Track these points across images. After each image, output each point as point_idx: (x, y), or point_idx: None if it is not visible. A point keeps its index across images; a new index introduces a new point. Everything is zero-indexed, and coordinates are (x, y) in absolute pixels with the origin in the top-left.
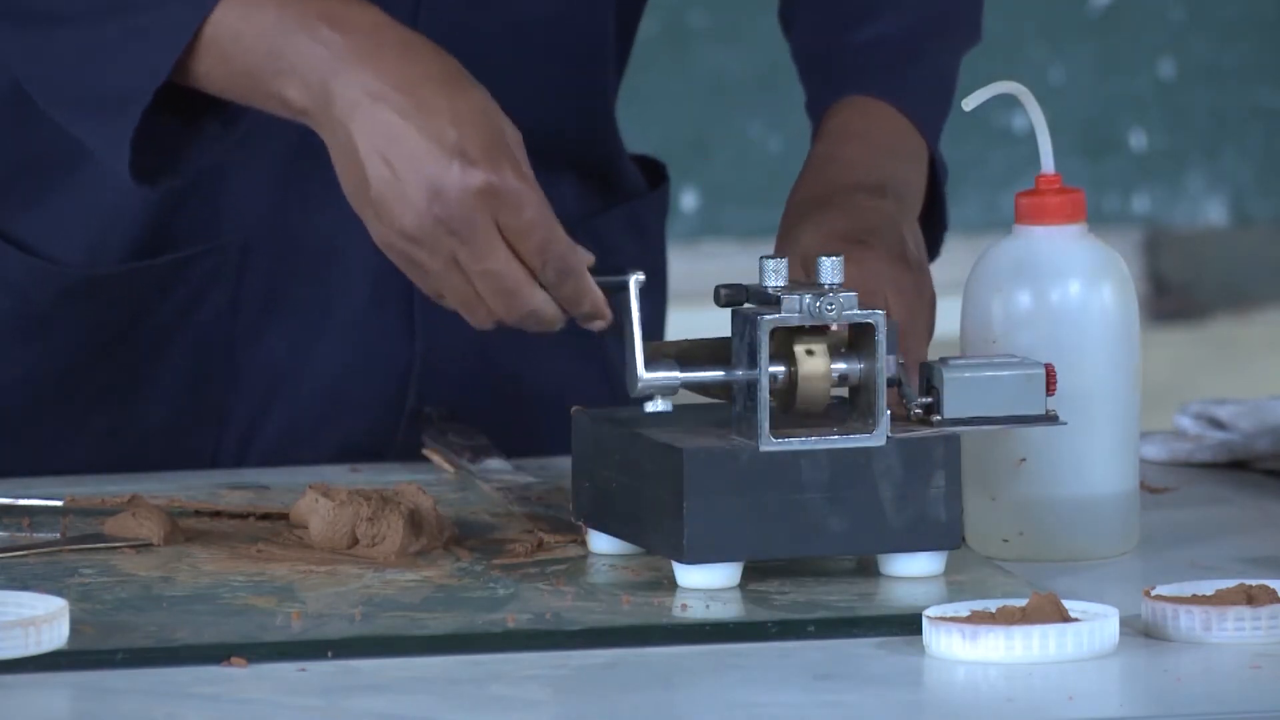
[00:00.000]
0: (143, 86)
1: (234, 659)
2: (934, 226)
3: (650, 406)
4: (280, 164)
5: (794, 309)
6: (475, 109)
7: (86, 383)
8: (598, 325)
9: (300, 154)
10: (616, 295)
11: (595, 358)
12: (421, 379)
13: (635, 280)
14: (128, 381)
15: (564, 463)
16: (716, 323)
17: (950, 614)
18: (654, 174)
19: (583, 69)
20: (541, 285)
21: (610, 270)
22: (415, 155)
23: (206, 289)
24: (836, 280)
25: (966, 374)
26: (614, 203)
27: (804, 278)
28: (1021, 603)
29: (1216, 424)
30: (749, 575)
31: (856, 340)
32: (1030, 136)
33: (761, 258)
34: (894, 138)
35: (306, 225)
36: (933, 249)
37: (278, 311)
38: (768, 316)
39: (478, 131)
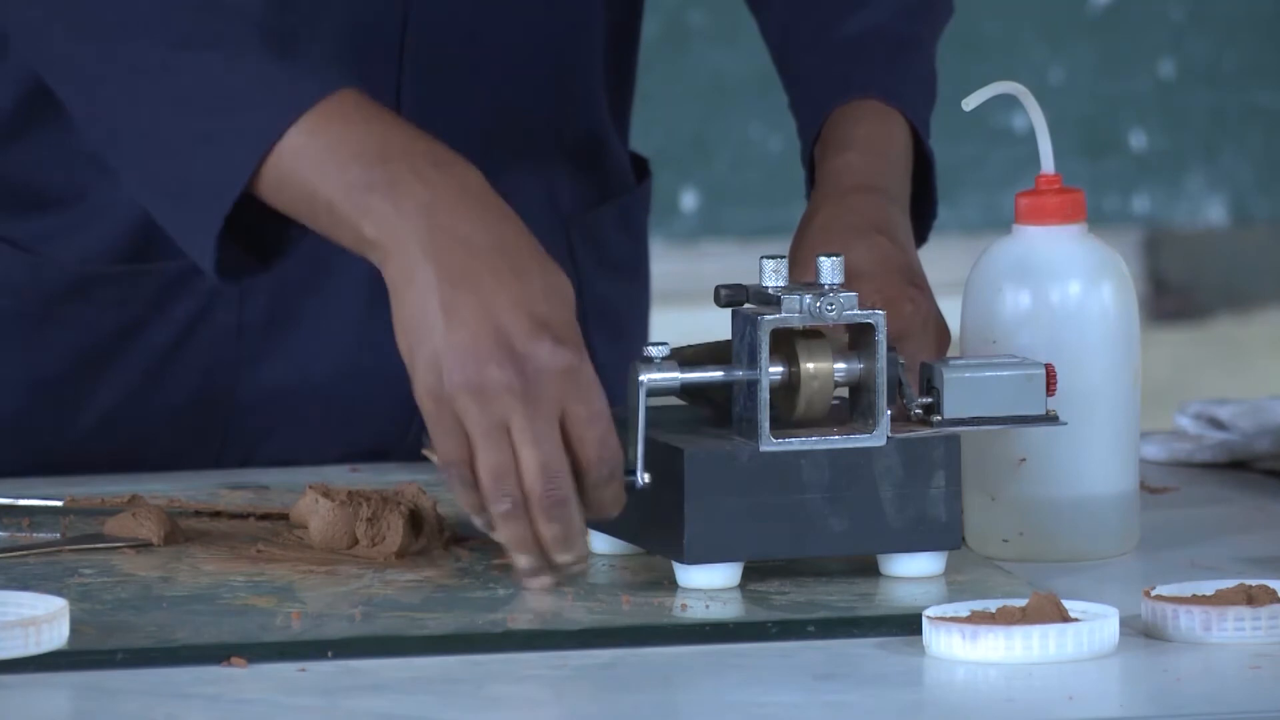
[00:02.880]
0: (226, 191)
1: (234, 659)
2: (923, 215)
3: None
4: None
5: (794, 309)
6: (564, 288)
7: (88, 392)
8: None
9: None
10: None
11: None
12: None
13: (642, 482)
14: (130, 395)
15: None
16: (716, 323)
17: (950, 614)
18: (638, 168)
19: (572, 60)
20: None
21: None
22: (502, 316)
23: (211, 305)
24: (836, 280)
25: (966, 374)
26: (606, 197)
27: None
28: (1021, 603)
29: (1216, 424)
30: (749, 575)
31: (856, 340)
32: (1030, 136)
33: (762, 258)
34: (892, 142)
35: (308, 241)
36: (923, 235)
37: (282, 329)
38: (768, 316)
39: (566, 312)
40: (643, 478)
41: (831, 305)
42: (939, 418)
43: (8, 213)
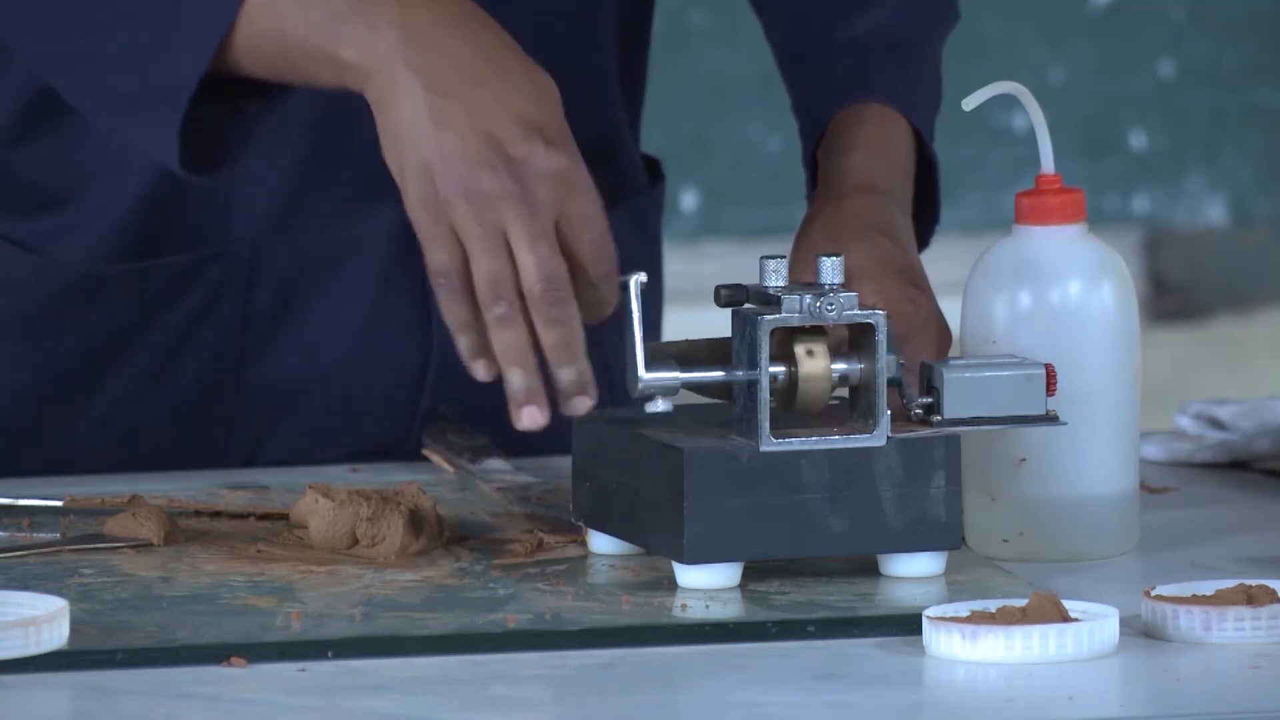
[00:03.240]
0: (184, 79)
1: (234, 659)
2: (926, 219)
3: (650, 407)
4: (288, 172)
5: (794, 309)
6: (550, 89)
7: (93, 389)
8: (589, 322)
9: (308, 163)
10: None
11: (595, 357)
12: (437, 379)
13: (636, 281)
14: (135, 391)
15: (564, 463)
16: (716, 323)
17: (950, 614)
18: (651, 170)
19: (583, 63)
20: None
21: None
22: (491, 121)
23: (217, 299)
24: (836, 280)
25: (966, 374)
26: (619, 200)
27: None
28: (1021, 603)
29: (1216, 424)
30: (749, 575)
31: (856, 340)
32: (1030, 136)
33: (762, 258)
34: (894, 144)
35: (314, 233)
36: (925, 239)
37: (287, 322)
38: (768, 317)
39: (555, 114)
40: (638, 277)
41: (831, 305)
42: (939, 418)
43: (12, 212)
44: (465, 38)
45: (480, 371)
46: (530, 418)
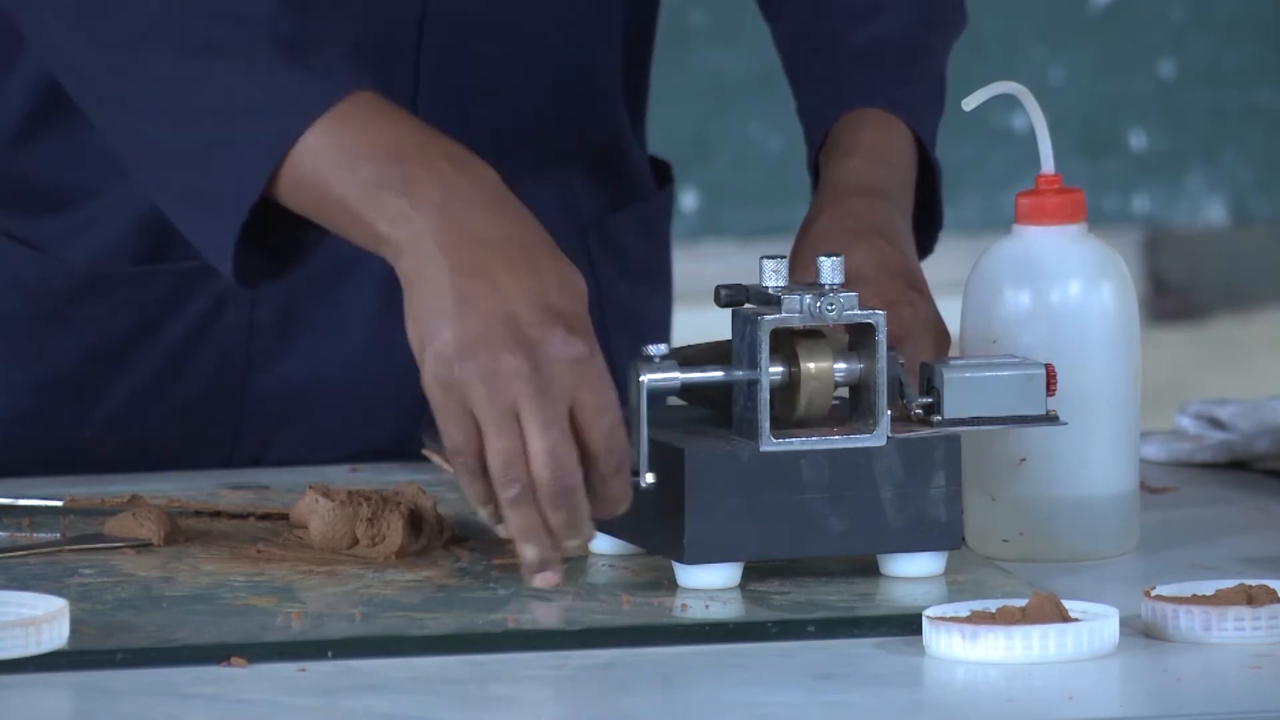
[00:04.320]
0: (244, 194)
1: (234, 659)
2: (929, 225)
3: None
4: None
5: (794, 309)
6: (578, 282)
7: (99, 392)
8: (602, 519)
9: None
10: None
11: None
12: None
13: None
14: (141, 396)
15: None
16: (717, 323)
17: (950, 614)
18: (660, 174)
19: (588, 65)
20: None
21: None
22: (514, 305)
23: (223, 306)
24: (836, 280)
25: (966, 374)
26: (626, 203)
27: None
28: (1021, 603)
29: (1216, 424)
30: (749, 575)
31: (857, 340)
32: (1030, 136)
33: (762, 258)
34: (895, 149)
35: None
36: (928, 245)
37: (292, 329)
38: (768, 317)
39: (579, 305)
40: (646, 478)
41: (831, 305)
42: (939, 418)
43: (21, 212)
44: (500, 224)
45: (503, 534)
46: (544, 581)
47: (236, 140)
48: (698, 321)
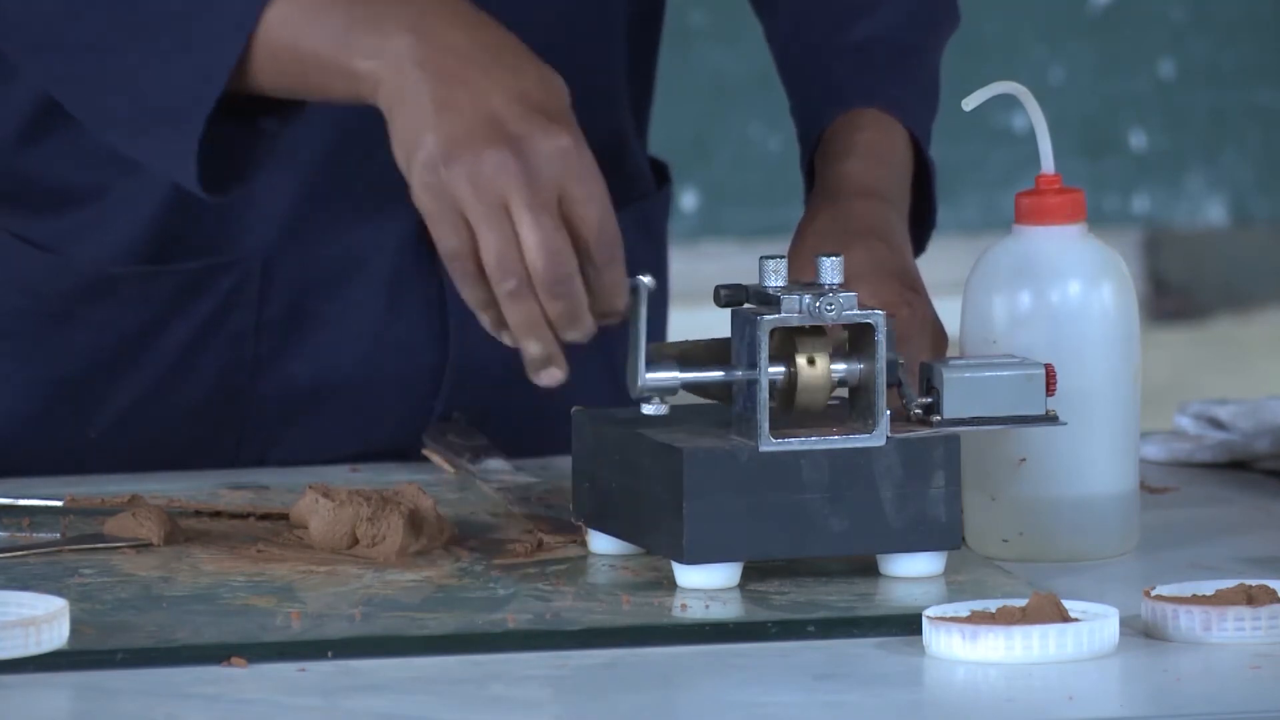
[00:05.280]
0: (201, 97)
1: (234, 659)
2: (922, 224)
3: (647, 409)
4: (302, 182)
5: (794, 309)
6: (556, 79)
7: (105, 393)
8: (608, 321)
9: (322, 172)
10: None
11: (599, 356)
12: (453, 385)
13: (645, 285)
14: (147, 396)
15: (564, 463)
16: (716, 323)
17: (950, 614)
18: (658, 173)
19: (592, 64)
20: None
21: None
22: (495, 103)
23: (229, 307)
24: (836, 280)
25: (966, 374)
26: (626, 202)
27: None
28: (1021, 603)
29: (1216, 424)
30: (749, 575)
31: (856, 340)
32: (1030, 136)
33: (762, 258)
34: (891, 149)
35: (326, 242)
36: (922, 244)
37: (300, 329)
38: (768, 317)
39: (560, 99)
40: (645, 279)
41: (831, 305)
42: (939, 418)
43: (28, 212)
44: (474, 34)
45: (507, 340)
46: (550, 377)
47: (201, 30)
48: (697, 321)
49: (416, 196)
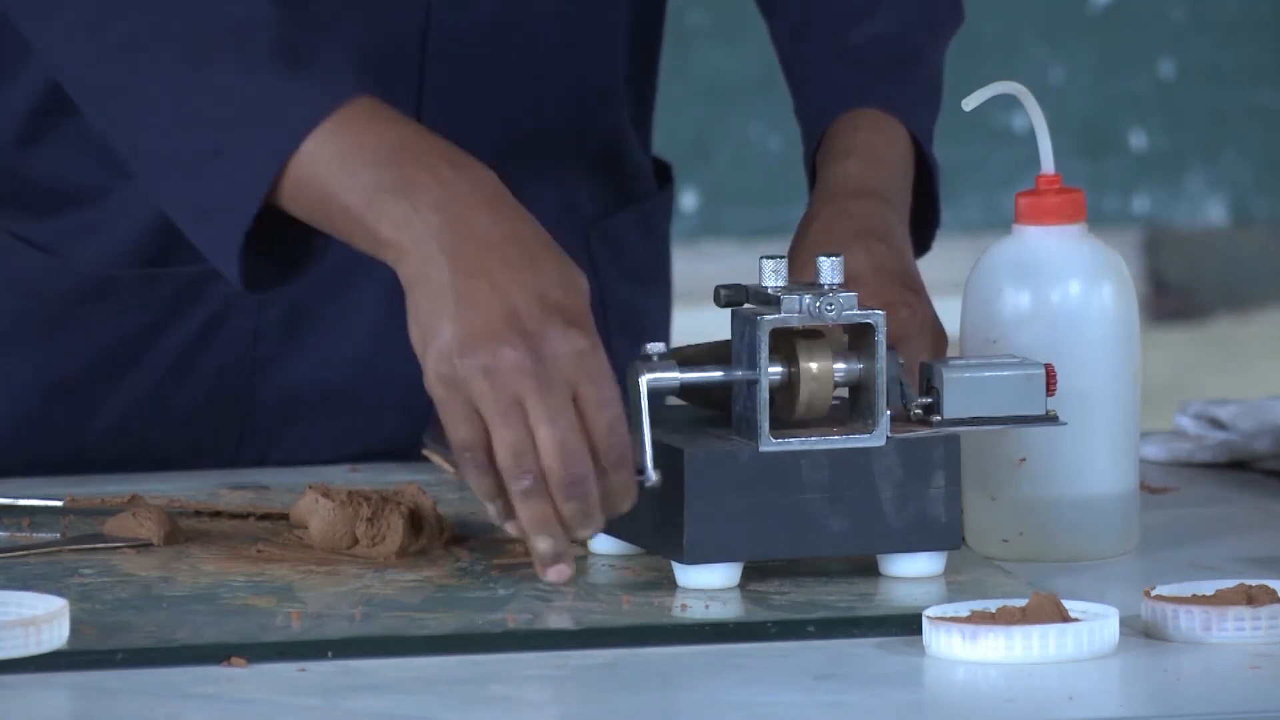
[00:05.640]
0: (242, 208)
1: (234, 659)
2: (926, 223)
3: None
4: None
5: (794, 309)
6: (578, 279)
7: (104, 395)
8: (609, 518)
9: None
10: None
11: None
12: None
13: (653, 481)
14: (146, 399)
15: None
16: (717, 323)
17: (950, 614)
18: (660, 174)
19: (593, 65)
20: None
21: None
22: (515, 300)
23: (228, 311)
24: (836, 280)
25: (966, 374)
26: (628, 203)
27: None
28: (1021, 603)
29: (1216, 424)
30: (749, 575)
31: (856, 340)
32: (1030, 136)
33: (762, 258)
34: (892, 149)
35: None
36: (926, 243)
37: (300, 331)
38: (768, 317)
39: (580, 300)
40: (652, 475)
41: (831, 305)
42: (939, 418)
43: (29, 213)
44: (500, 225)
45: (511, 530)
46: (558, 574)
47: (237, 148)
48: (698, 321)
49: (430, 384)
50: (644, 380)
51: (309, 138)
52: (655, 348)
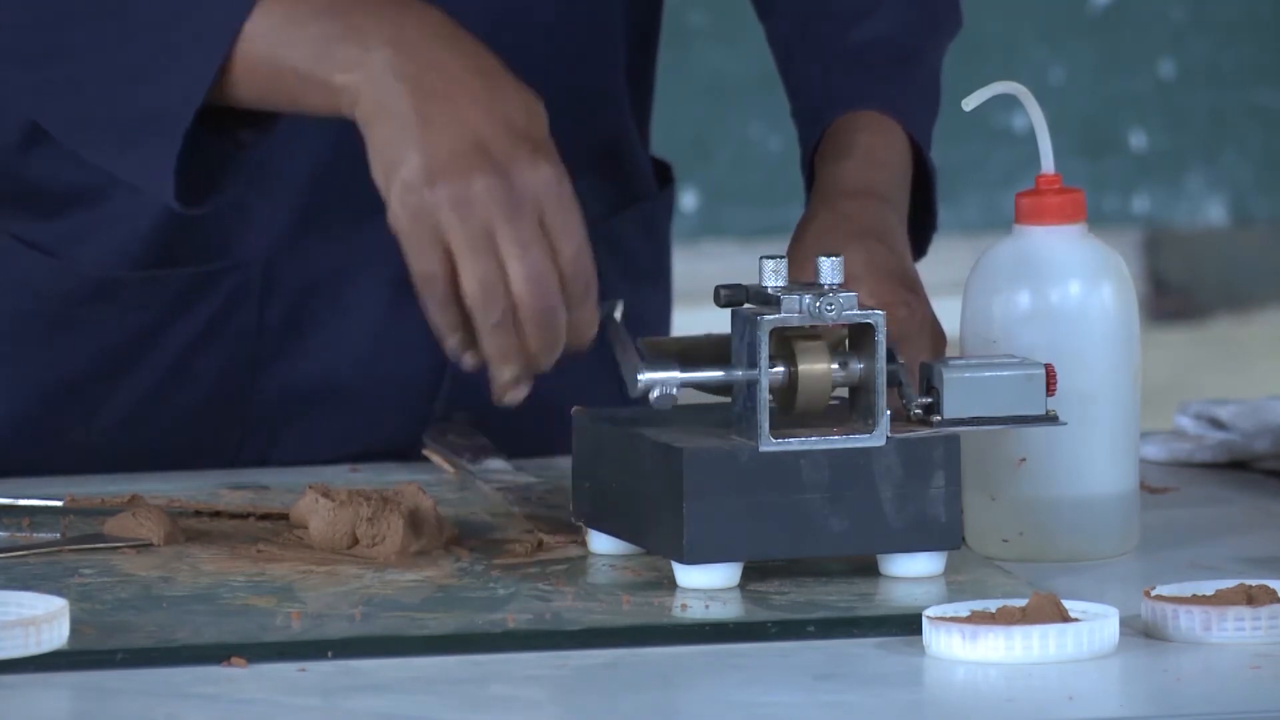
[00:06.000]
0: (180, 111)
1: (234, 659)
2: (923, 227)
3: (653, 398)
4: (301, 186)
5: (794, 309)
6: (538, 105)
7: (106, 395)
8: (575, 355)
9: (322, 176)
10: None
11: (595, 358)
12: (452, 388)
13: (618, 308)
14: (148, 399)
15: (564, 463)
16: (717, 323)
17: (950, 614)
18: (661, 174)
19: (591, 65)
20: None
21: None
22: (480, 126)
23: (230, 310)
24: (836, 280)
25: (966, 374)
26: (628, 203)
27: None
28: (1021, 603)
29: (1216, 424)
30: (749, 575)
31: (856, 340)
32: (1030, 136)
33: (761, 258)
34: (890, 151)
35: (326, 246)
36: (923, 247)
37: (301, 331)
38: (768, 317)
39: (542, 127)
40: (619, 309)
41: (831, 305)
42: (939, 418)
43: (30, 215)
44: (456, 53)
45: (468, 362)
46: (516, 396)
47: (181, 41)
48: (698, 321)
49: (394, 214)
50: (617, 305)
51: (251, 16)
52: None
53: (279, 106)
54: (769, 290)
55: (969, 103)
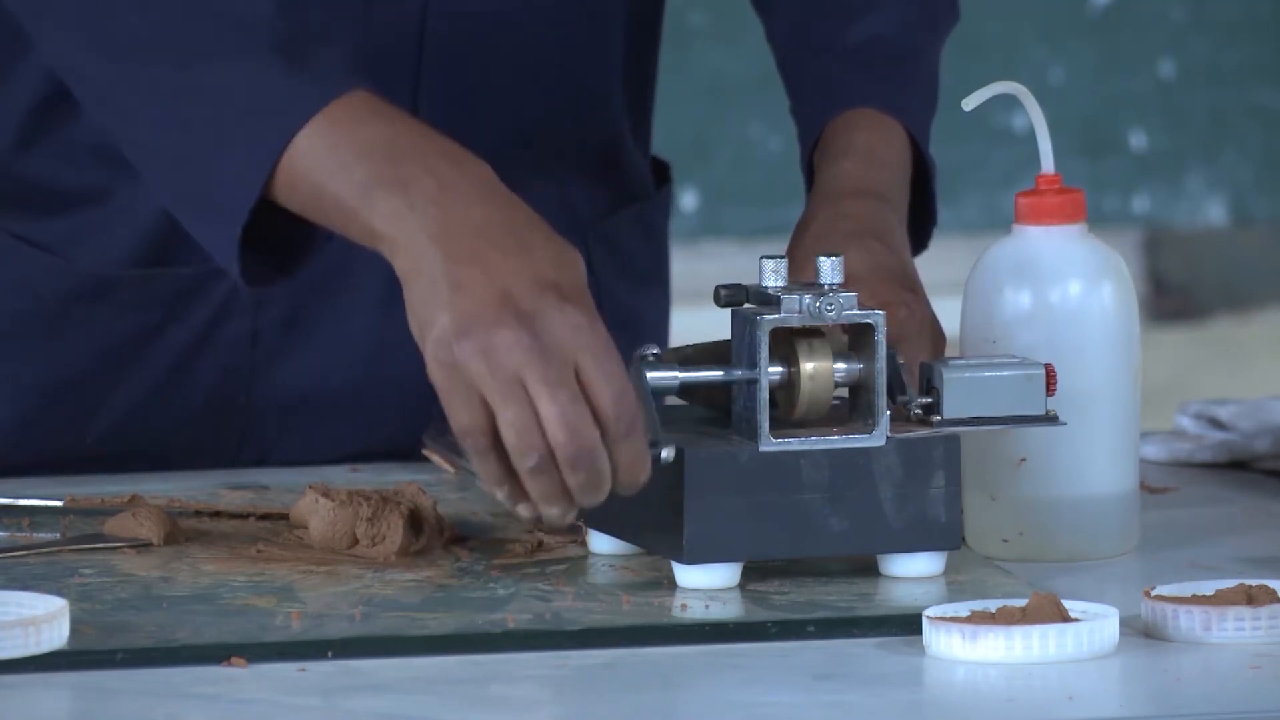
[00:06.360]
0: (237, 203)
1: (234, 659)
2: (924, 222)
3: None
4: None
5: (793, 309)
6: (573, 257)
7: (103, 396)
8: (628, 492)
9: None
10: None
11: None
12: None
13: (665, 457)
14: (145, 401)
15: None
16: (717, 323)
17: (950, 614)
18: (658, 173)
19: (589, 67)
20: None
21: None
22: (509, 283)
23: (228, 311)
24: (836, 280)
25: (966, 374)
26: (625, 203)
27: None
28: (1021, 603)
29: (1216, 424)
30: (749, 575)
31: (856, 340)
32: (1030, 136)
33: (761, 258)
34: (890, 149)
35: (324, 245)
36: (924, 241)
37: (299, 333)
38: (768, 317)
39: (575, 277)
40: (665, 451)
41: (831, 305)
42: (939, 418)
43: (29, 213)
44: (492, 214)
45: (525, 513)
46: (564, 525)
47: (233, 143)
48: (697, 321)
49: (431, 372)
50: (641, 354)
51: (303, 132)
52: (648, 349)
53: (322, 224)
54: (769, 290)
55: (969, 103)
